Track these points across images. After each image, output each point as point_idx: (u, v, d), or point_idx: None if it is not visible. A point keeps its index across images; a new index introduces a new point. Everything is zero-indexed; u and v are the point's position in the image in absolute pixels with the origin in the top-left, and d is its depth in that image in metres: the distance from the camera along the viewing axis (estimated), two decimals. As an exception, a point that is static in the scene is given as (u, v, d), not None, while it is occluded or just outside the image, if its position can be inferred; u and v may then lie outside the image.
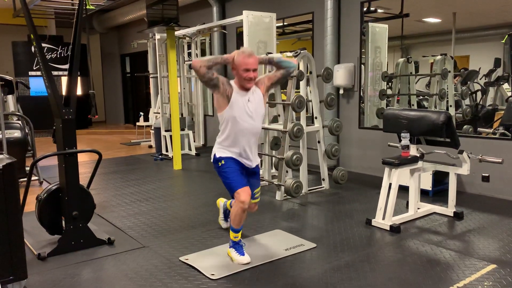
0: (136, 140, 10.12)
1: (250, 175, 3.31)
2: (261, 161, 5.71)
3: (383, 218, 3.88)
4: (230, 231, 3.25)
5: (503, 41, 5.02)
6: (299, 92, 5.11)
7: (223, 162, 3.17)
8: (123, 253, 3.42)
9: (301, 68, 4.94)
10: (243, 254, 3.20)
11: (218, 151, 3.22)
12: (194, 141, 8.33)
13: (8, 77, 6.84)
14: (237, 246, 3.24)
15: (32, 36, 3.48)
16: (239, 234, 3.25)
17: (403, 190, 4.32)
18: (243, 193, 3.09)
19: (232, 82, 3.17)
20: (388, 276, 2.95)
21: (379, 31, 6.15)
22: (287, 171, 4.98)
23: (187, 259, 3.29)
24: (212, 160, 3.28)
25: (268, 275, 3.00)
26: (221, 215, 3.93)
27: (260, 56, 3.32)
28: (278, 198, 4.87)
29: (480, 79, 5.33)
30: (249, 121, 3.13)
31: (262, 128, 5.38)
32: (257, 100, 3.19)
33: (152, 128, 8.78)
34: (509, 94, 5.13)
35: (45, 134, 10.94)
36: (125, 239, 3.73)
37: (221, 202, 3.93)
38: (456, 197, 4.19)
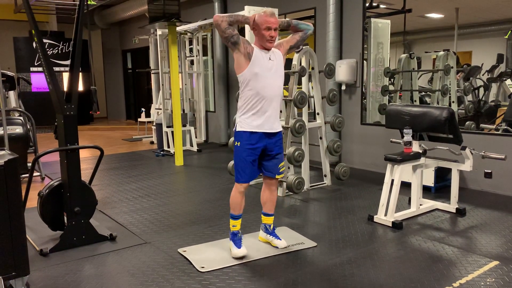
0: (137, 136, 10.13)
1: (274, 149, 3.24)
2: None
3: (385, 215, 3.87)
4: (230, 219, 3.30)
5: (506, 36, 5.00)
6: (301, 88, 5.09)
7: (239, 144, 3.16)
8: (125, 249, 3.43)
9: (303, 64, 4.92)
10: (240, 247, 3.22)
11: (239, 124, 3.18)
12: (196, 137, 8.33)
13: (9, 73, 6.85)
14: (235, 238, 3.26)
15: (33, 31, 3.47)
16: (238, 223, 3.27)
17: (406, 186, 4.32)
18: (242, 187, 3.20)
19: (251, 43, 3.17)
20: (390, 273, 2.94)
21: (382, 27, 6.12)
22: (289, 167, 4.97)
23: (185, 251, 3.32)
24: (233, 136, 3.28)
25: (267, 271, 2.99)
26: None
27: (279, 19, 3.32)
28: (280, 194, 4.87)
29: (483, 75, 5.31)
30: (272, 77, 3.13)
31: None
32: (278, 60, 3.21)
33: (154, 124, 8.78)
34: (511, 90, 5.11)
35: (47, 130, 10.94)
36: (127, 235, 3.73)
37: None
38: (459, 194, 4.18)
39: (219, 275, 2.94)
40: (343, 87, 6.24)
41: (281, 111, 5.37)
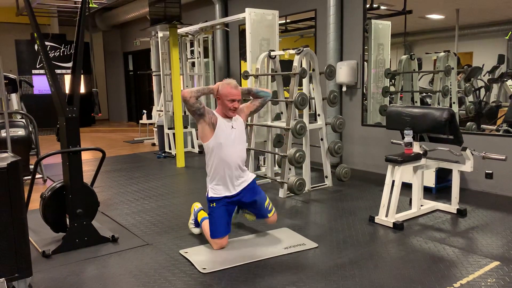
0: (139, 138, 10.15)
1: (249, 194, 3.50)
2: (264, 158, 5.73)
3: (386, 215, 3.88)
4: (199, 218, 3.63)
5: (507, 37, 5.00)
6: (302, 89, 5.10)
7: (214, 204, 3.42)
8: (127, 251, 3.44)
9: (304, 65, 4.93)
10: (198, 227, 3.64)
11: (210, 191, 3.45)
12: (197, 139, 8.34)
13: (11, 76, 6.87)
14: (197, 220, 3.64)
15: (35, 34, 3.49)
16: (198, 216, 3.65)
17: (406, 187, 4.32)
18: (217, 245, 3.36)
19: (214, 111, 3.40)
20: (392, 273, 2.95)
21: (382, 28, 6.13)
22: (290, 169, 4.98)
23: (186, 252, 3.34)
24: (206, 199, 3.51)
25: (268, 272, 3.00)
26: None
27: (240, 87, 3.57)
28: (281, 195, 4.88)
29: (484, 75, 5.31)
30: (234, 146, 3.39)
31: (266, 126, 5.41)
32: (240, 127, 3.48)
33: (155, 126, 8.79)
34: (512, 90, 5.11)
35: (49, 132, 10.98)
36: (129, 237, 3.74)
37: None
38: (460, 194, 4.19)
39: (221, 276, 2.95)
40: (344, 89, 6.25)
41: (281, 113, 5.39)
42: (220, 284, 2.84)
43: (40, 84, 11.11)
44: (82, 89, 11.58)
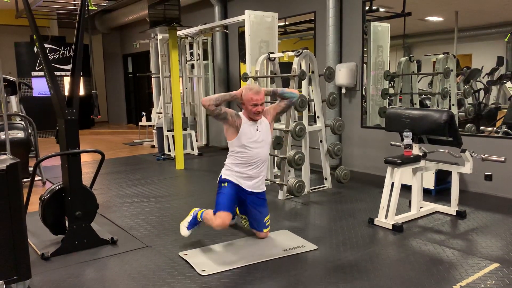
0: (138, 140, 10.14)
1: (257, 202, 3.53)
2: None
3: (386, 217, 3.88)
4: (198, 214, 3.55)
5: (506, 39, 5.01)
6: (301, 91, 5.11)
7: (226, 184, 3.45)
8: (126, 253, 3.43)
9: (303, 67, 4.94)
10: (189, 230, 3.55)
11: (225, 173, 3.53)
12: (197, 141, 8.34)
13: (11, 78, 6.87)
14: (193, 221, 3.56)
15: (34, 36, 3.49)
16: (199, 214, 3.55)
17: (406, 189, 4.32)
18: (220, 218, 3.31)
19: (240, 113, 3.47)
20: (391, 275, 2.95)
21: (381, 30, 6.14)
22: (289, 171, 4.98)
23: (185, 254, 3.34)
24: (218, 180, 3.54)
25: (268, 274, 3.00)
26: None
27: (265, 89, 3.63)
28: (280, 197, 4.88)
29: (483, 77, 5.32)
30: (257, 149, 3.44)
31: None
32: (265, 129, 3.51)
33: (155, 128, 8.79)
34: (512, 92, 5.12)
35: (48, 135, 10.97)
36: (128, 239, 3.74)
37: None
38: (459, 196, 4.19)
39: (220, 278, 2.95)
40: (343, 91, 6.26)
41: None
42: (219, 287, 2.83)
43: (40, 86, 11.11)
44: (82, 91, 11.58)
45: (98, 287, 2.88)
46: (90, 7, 4.04)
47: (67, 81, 11.14)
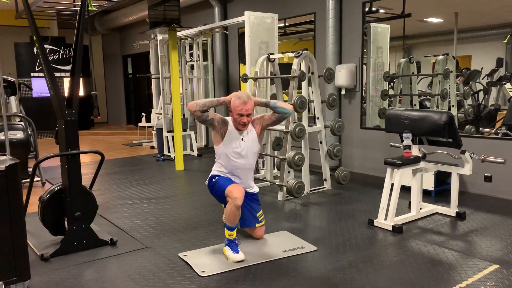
0: (138, 141, 10.14)
1: (248, 198, 3.50)
2: (263, 161, 5.72)
3: (385, 219, 3.88)
4: (225, 229, 3.30)
5: (505, 40, 5.01)
6: (301, 92, 5.11)
7: (217, 178, 3.43)
8: (125, 254, 3.43)
9: (303, 68, 4.94)
10: (238, 252, 3.24)
11: (214, 172, 3.50)
12: (196, 142, 8.34)
13: (10, 78, 6.87)
14: (232, 244, 3.27)
15: (34, 37, 3.49)
16: (234, 233, 3.28)
17: (405, 190, 4.32)
18: (234, 189, 3.24)
19: (229, 119, 3.40)
20: (391, 277, 2.95)
21: (381, 31, 6.14)
22: (289, 172, 4.98)
23: (185, 255, 3.33)
24: (207, 183, 3.53)
25: (267, 275, 3.00)
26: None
27: (256, 99, 3.52)
28: (280, 198, 4.88)
29: (482, 79, 5.32)
30: (240, 160, 3.39)
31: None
32: (251, 139, 3.44)
33: (154, 128, 8.79)
34: (511, 94, 5.12)
35: (48, 135, 10.98)
36: (127, 240, 3.74)
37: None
38: (459, 197, 4.19)
39: (220, 279, 2.94)
40: (343, 92, 6.26)
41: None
42: (219, 288, 2.83)
43: (39, 87, 11.11)
44: (81, 92, 11.59)
45: (98, 288, 2.88)
46: (90, 8, 4.04)
47: (66, 81, 11.14)
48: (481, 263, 3.12)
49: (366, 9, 5.99)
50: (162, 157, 7.66)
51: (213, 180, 3.46)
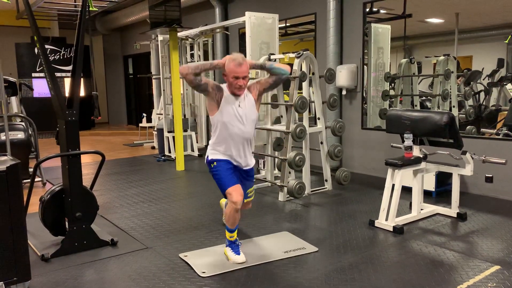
0: (139, 141, 10.14)
1: (243, 175, 3.34)
2: (263, 162, 5.72)
3: (386, 219, 3.87)
4: (226, 231, 3.28)
5: (506, 41, 5.01)
6: (301, 93, 5.11)
7: (215, 163, 3.23)
8: (126, 254, 3.43)
9: (304, 69, 4.94)
10: (239, 254, 3.22)
11: (211, 154, 3.27)
12: (197, 142, 8.34)
13: (11, 79, 6.87)
14: (233, 246, 3.26)
15: (35, 37, 3.49)
16: (235, 234, 3.27)
17: (406, 191, 4.32)
18: (234, 192, 3.10)
19: (224, 86, 3.18)
20: (392, 277, 2.94)
21: (382, 32, 6.14)
22: (290, 172, 4.97)
23: (186, 255, 3.33)
24: (205, 162, 3.36)
25: (268, 276, 2.99)
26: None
27: (251, 61, 3.34)
28: (281, 199, 4.87)
29: (483, 79, 5.31)
30: (239, 126, 3.15)
31: (265, 129, 5.40)
32: (248, 106, 3.21)
33: (155, 129, 8.79)
34: (512, 94, 5.12)
35: (49, 136, 10.97)
36: (128, 240, 3.73)
37: (223, 202, 3.87)
38: (460, 198, 4.18)
39: (220, 280, 2.94)
40: (344, 92, 6.25)
41: (281, 116, 5.39)
42: (219, 288, 2.83)
43: (40, 87, 11.11)
44: (82, 92, 11.58)
45: (98, 288, 2.88)
46: (90, 8, 4.04)
47: (67, 82, 11.14)
48: (482, 264, 3.11)
49: (367, 10, 5.99)
50: (162, 157, 7.66)
51: (212, 165, 3.25)
